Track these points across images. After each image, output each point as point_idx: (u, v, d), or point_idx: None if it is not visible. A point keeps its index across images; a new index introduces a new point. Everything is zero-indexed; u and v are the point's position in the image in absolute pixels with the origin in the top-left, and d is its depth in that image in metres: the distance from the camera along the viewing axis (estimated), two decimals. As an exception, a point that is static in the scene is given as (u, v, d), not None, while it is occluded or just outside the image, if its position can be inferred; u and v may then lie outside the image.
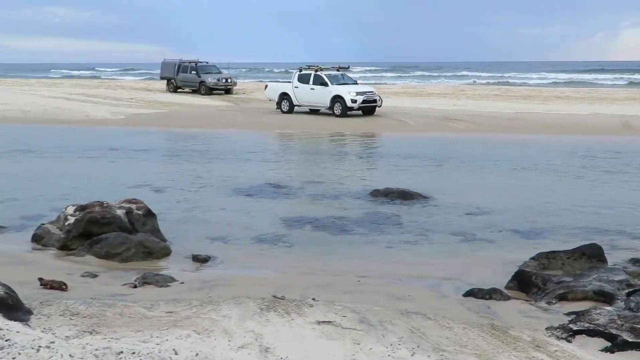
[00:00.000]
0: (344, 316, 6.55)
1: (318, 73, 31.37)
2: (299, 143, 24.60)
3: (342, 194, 14.17)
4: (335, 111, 30.20)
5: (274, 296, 7.26)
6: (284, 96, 32.28)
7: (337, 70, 32.90)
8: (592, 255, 8.84)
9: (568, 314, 7.14)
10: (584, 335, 6.39)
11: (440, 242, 10.67)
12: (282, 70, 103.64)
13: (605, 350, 6.11)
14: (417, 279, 8.59)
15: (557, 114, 30.51)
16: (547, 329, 6.65)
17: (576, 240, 10.09)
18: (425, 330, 6.29)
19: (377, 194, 13.89)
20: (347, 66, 34.27)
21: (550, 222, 11.79)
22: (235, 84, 44.46)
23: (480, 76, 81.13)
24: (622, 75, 75.45)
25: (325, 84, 30.70)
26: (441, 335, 6.16)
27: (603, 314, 6.74)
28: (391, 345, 5.82)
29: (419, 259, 9.72)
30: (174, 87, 45.01)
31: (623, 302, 7.39)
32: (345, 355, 5.47)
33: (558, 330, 6.55)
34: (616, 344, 6.14)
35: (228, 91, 43.49)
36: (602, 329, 6.37)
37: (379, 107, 30.75)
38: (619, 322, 6.50)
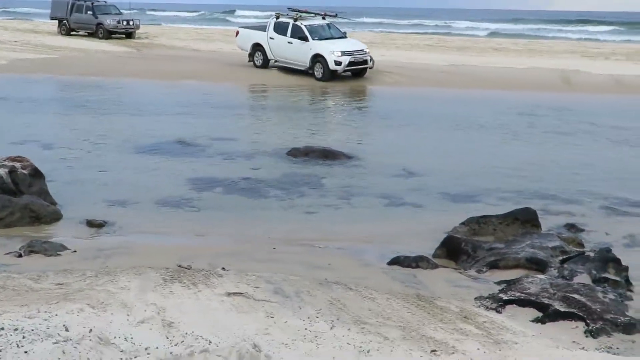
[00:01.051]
0: (257, 287, 6.60)
1: (297, 23, 27.14)
2: (213, 95, 24.22)
3: (258, 153, 14.14)
4: (316, 74, 26.43)
5: (179, 265, 7.25)
6: (258, 47, 28.43)
7: (323, 19, 28.45)
8: (526, 220, 9.14)
9: (499, 282, 7.39)
10: (514, 305, 6.64)
11: (365, 206, 10.83)
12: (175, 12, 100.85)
13: (537, 320, 6.36)
14: (338, 247, 8.70)
15: (494, 67, 31.05)
16: (476, 299, 6.87)
17: (509, 204, 10.41)
18: (345, 301, 6.40)
19: (296, 152, 13.93)
20: (334, 14, 29.42)
21: (482, 185, 12.08)
22: (138, 27, 43.24)
23: (397, 24, 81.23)
24: (548, 27, 77.29)
25: (305, 39, 26.60)
26: (363, 307, 6.29)
27: (535, 283, 7.01)
28: (308, 318, 5.90)
29: (340, 224, 9.85)
30: (67, 30, 43.50)
31: (556, 270, 7.68)
32: (257, 330, 5.51)
33: (487, 300, 6.79)
34: (548, 314, 6.40)
35: (129, 35, 42.33)
36: (533, 299, 6.63)
37: (370, 68, 27.17)
38: (552, 291, 6.77)
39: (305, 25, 26.97)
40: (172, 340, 5.11)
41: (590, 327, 6.15)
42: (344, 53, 26.00)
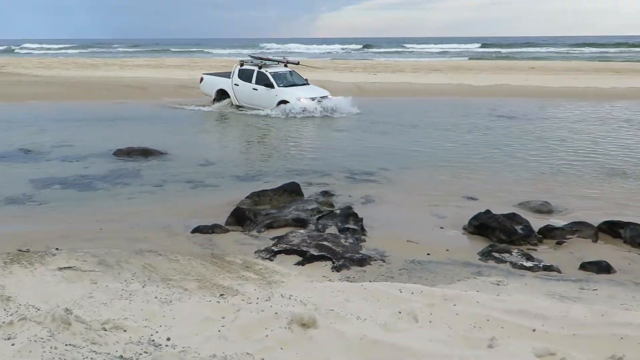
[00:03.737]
0: (85, 261, 6.22)
1: (262, 70, 21.68)
2: (54, 111, 22.45)
3: (89, 155, 13.28)
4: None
5: (19, 250, 6.67)
6: (223, 94, 22.63)
7: (285, 66, 22.76)
8: (292, 191, 9.32)
9: (272, 238, 7.46)
10: (282, 254, 6.73)
11: (175, 190, 10.50)
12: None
13: (298, 264, 6.49)
14: (153, 223, 8.37)
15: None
16: (255, 252, 6.89)
17: (283, 180, 10.50)
18: (156, 265, 6.19)
19: (120, 152, 13.26)
20: (296, 62, 23.41)
21: (263, 168, 12.17)
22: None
23: (213, 52, 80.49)
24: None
25: (271, 85, 21.21)
26: (169, 268, 6.11)
27: (297, 236, 7.15)
28: (125, 280, 5.64)
29: (156, 205, 9.47)
30: None
31: (314, 225, 7.89)
32: (83, 295, 5.19)
33: (263, 252, 6.83)
34: (306, 258, 6.55)
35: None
36: (295, 248, 6.76)
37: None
38: (309, 241, 6.94)
39: (270, 72, 21.64)
40: (8, 311, 4.68)
41: (335, 264, 6.36)
42: (308, 99, 20.83)
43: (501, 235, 7.53)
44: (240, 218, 8.30)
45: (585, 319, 4.50)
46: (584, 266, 6.58)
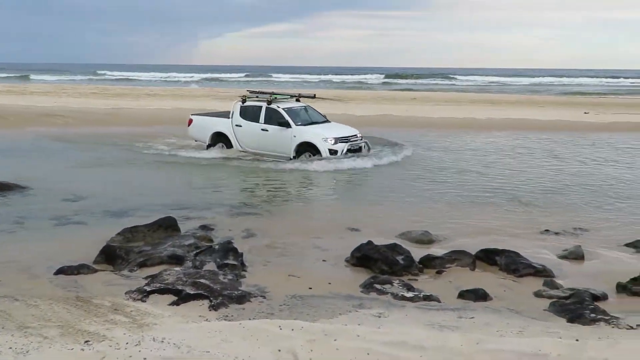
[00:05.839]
0: None
1: (273, 107, 17.56)
2: None
3: None
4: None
5: None
6: (219, 138, 18.29)
7: (297, 101, 18.70)
8: (168, 226, 9.14)
9: (145, 278, 7.24)
10: (156, 294, 6.56)
11: (37, 228, 9.93)
12: None
13: (173, 304, 6.35)
14: (10, 265, 7.85)
15: (147, 109, 30.70)
16: (126, 293, 6.66)
17: (158, 215, 10.19)
18: (11, 311, 5.82)
19: (-27, 187, 12.40)
20: (312, 95, 19.16)
21: (138, 202, 11.77)
22: None
23: (80, 79, 77.30)
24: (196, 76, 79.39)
25: (286, 124, 17.12)
26: (27, 314, 5.77)
27: (172, 274, 7.00)
28: (-27, 331, 5.26)
29: (14, 245, 8.88)
30: None
31: (191, 262, 7.76)
32: None
33: (135, 293, 6.62)
34: (181, 298, 6.42)
35: None
36: (170, 287, 6.62)
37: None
38: (185, 279, 6.82)
39: (283, 109, 17.53)
40: None
41: (212, 303, 6.29)
42: (338, 139, 17.01)
43: (383, 266, 7.77)
44: (111, 256, 8.01)
45: (461, 348, 4.74)
46: (462, 294, 6.93)
